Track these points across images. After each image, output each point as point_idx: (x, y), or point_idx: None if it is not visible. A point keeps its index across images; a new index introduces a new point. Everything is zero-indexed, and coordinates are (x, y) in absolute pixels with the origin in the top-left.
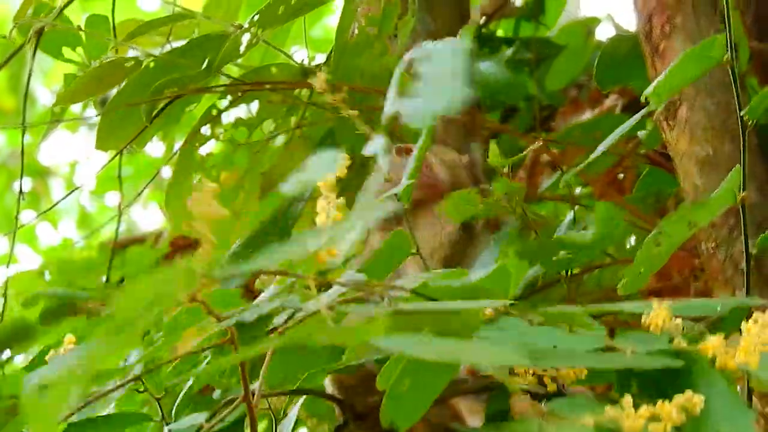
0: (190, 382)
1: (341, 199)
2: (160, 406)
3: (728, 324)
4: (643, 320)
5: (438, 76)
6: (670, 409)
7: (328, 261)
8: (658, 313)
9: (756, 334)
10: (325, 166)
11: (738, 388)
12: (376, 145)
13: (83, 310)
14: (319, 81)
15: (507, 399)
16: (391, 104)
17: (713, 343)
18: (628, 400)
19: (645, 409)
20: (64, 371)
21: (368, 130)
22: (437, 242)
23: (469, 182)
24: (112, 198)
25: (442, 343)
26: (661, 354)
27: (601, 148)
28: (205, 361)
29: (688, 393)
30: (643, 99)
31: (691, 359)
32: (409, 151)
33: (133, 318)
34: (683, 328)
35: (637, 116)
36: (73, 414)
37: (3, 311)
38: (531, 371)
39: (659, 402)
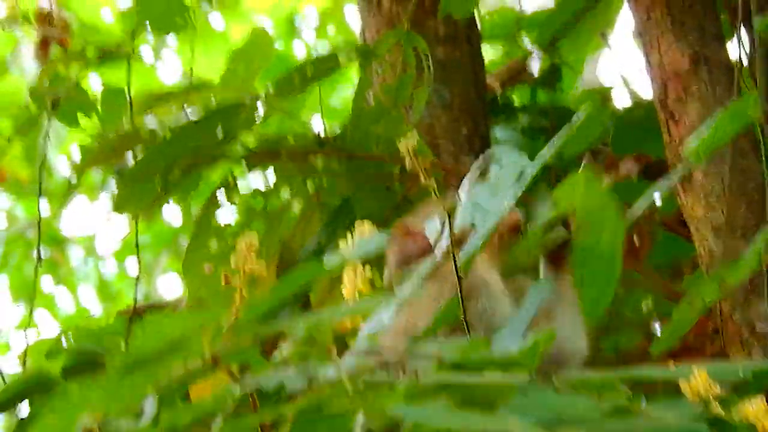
0: None
1: (368, 272)
2: None
3: (751, 388)
4: (682, 387)
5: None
6: None
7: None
8: (698, 379)
9: None
10: (369, 246)
11: None
12: (432, 229)
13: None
14: (406, 145)
15: None
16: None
17: (755, 410)
18: None
19: None
20: (71, 401)
21: (437, 199)
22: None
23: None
24: (132, 265)
25: (464, 416)
26: (697, 420)
27: (630, 214)
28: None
29: None
30: (684, 155)
31: (729, 427)
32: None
33: (152, 357)
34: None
35: (663, 183)
36: None
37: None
38: None
39: None
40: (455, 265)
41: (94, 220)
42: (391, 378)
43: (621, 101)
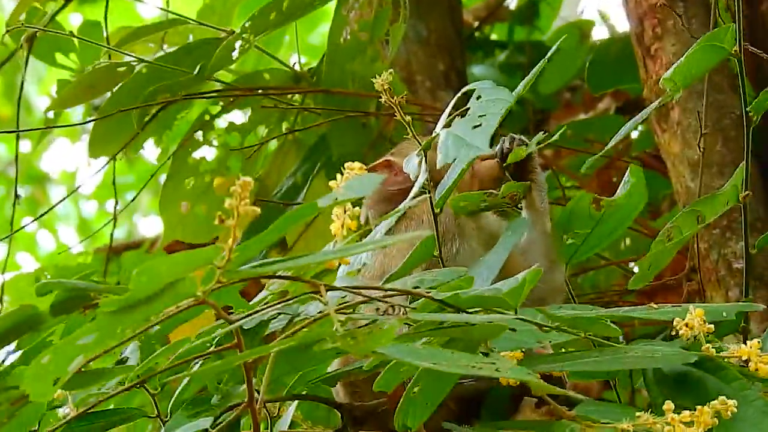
0: (185, 381)
1: (356, 209)
2: (156, 404)
3: (725, 327)
4: (675, 324)
5: (472, 126)
6: (706, 412)
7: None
8: (694, 317)
9: None
10: (363, 188)
11: None
12: (413, 166)
13: (94, 304)
14: (381, 82)
15: (503, 401)
16: (438, 128)
17: (748, 349)
18: (669, 405)
19: (684, 414)
20: (67, 340)
21: (413, 137)
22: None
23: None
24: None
25: (451, 355)
26: (682, 356)
27: (607, 147)
28: (201, 363)
29: (722, 397)
30: (651, 89)
31: (717, 366)
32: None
33: (147, 297)
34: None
35: (640, 116)
36: (80, 414)
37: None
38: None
39: (698, 408)
40: (431, 203)
41: (76, 161)
42: (378, 316)
43: (599, 36)
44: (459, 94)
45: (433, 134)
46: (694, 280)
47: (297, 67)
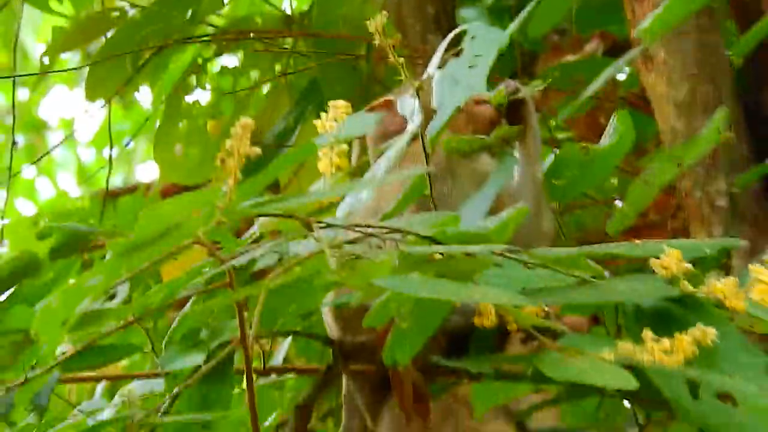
0: (177, 319)
1: (344, 146)
2: (151, 340)
3: (708, 263)
4: (652, 263)
5: (467, 66)
6: (686, 341)
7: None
8: (670, 257)
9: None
10: (360, 126)
11: None
12: (407, 105)
13: (93, 247)
14: (374, 24)
15: (490, 337)
16: (432, 69)
17: (724, 286)
18: (648, 334)
19: (662, 343)
20: (74, 283)
21: (407, 77)
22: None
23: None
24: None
25: (444, 284)
26: (664, 290)
27: (589, 90)
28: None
29: (700, 326)
30: (637, 35)
31: (696, 302)
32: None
33: (152, 239)
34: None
35: (624, 59)
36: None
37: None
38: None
39: (676, 335)
40: (423, 144)
41: (74, 108)
42: (371, 251)
43: None
44: (451, 36)
45: (427, 75)
46: (679, 218)
47: (288, 11)
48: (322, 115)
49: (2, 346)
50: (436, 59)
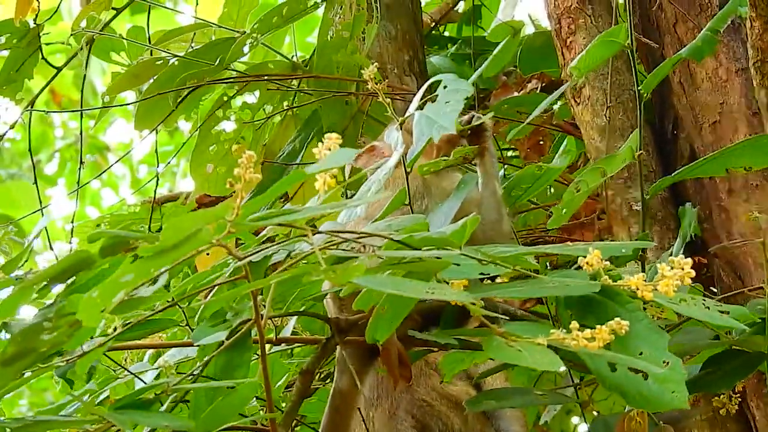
0: (207, 301)
1: (335, 169)
2: (186, 318)
3: (625, 257)
4: (579, 261)
5: (440, 110)
6: (604, 330)
7: None
8: (593, 257)
9: (672, 275)
10: (342, 158)
11: None
12: (393, 137)
13: (134, 248)
14: (368, 73)
15: (456, 314)
16: (412, 110)
17: (636, 280)
18: (575, 325)
19: (585, 332)
20: (112, 279)
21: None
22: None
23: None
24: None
25: (408, 283)
26: (587, 287)
27: (530, 117)
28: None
29: (617, 318)
30: (566, 73)
31: (614, 292)
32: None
33: (173, 245)
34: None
35: (556, 93)
36: (124, 331)
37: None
38: None
39: (597, 326)
40: (404, 167)
41: (130, 135)
42: (353, 253)
43: (528, 32)
44: (427, 84)
45: (407, 114)
46: (604, 219)
47: (295, 59)
48: (319, 144)
49: (60, 326)
50: (415, 102)
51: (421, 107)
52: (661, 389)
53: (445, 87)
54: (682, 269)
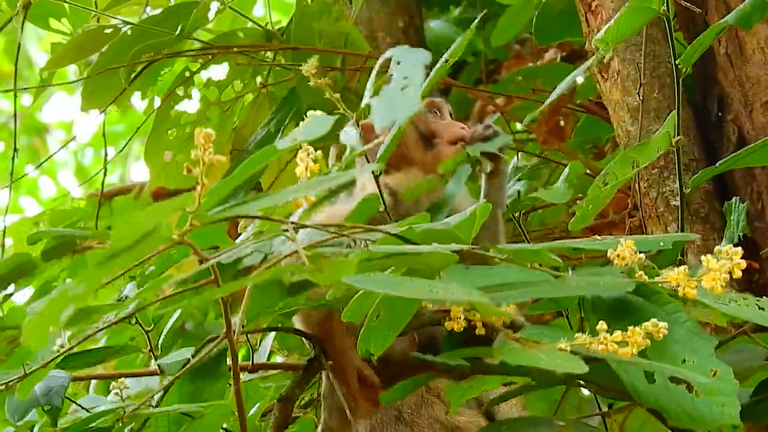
0: (174, 317)
1: (319, 152)
2: (149, 339)
3: (665, 257)
4: (609, 255)
5: (401, 89)
6: (638, 333)
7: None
8: (625, 248)
9: (719, 267)
10: (318, 128)
11: None
12: (350, 136)
13: (81, 249)
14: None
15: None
16: (367, 99)
17: (677, 275)
18: (603, 326)
19: (615, 335)
20: (59, 292)
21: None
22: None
23: None
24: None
25: (409, 282)
26: (620, 284)
27: (551, 97)
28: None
29: (654, 320)
30: (591, 43)
31: (651, 291)
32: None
33: (128, 246)
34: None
35: (580, 69)
36: (72, 348)
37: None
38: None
39: (629, 328)
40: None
41: (73, 112)
42: (343, 250)
43: None
44: (379, 62)
45: (363, 104)
46: (636, 217)
47: (269, 27)
48: (301, 123)
49: None
50: (369, 88)
51: (376, 93)
52: (708, 403)
53: (398, 63)
54: (731, 260)
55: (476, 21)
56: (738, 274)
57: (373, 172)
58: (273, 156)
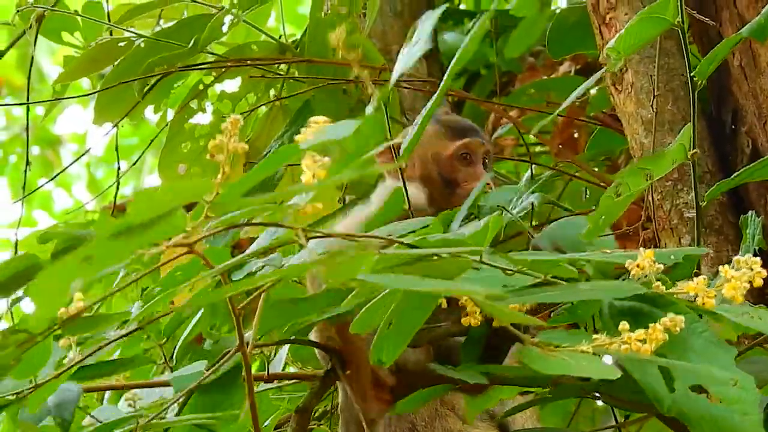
0: (187, 331)
1: (326, 159)
2: (163, 352)
3: (680, 271)
4: (627, 265)
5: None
6: (658, 330)
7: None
8: (644, 258)
9: (737, 277)
10: (344, 130)
11: None
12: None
13: None
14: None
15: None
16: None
17: (695, 285)
18: (625, 326)
19: (639, 333)
20: (71, 254)
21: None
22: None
23: None
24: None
25: (425, 279)
26: (635, 289)
27: (561, 107)
28: (199, 312)
29: (671, 314)
30: (604, 55)
31: (667, 302)
32: None
33: (143, 224)
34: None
35: (592, 79)
36: (85, 359)
37: None
38: None
39: (650, 325)
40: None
41: (86, 125)
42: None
43: (559, 5)
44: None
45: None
46: (649, 229)
47: (283, 40)
48: (302, 130)
49: (7, 345)
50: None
51: None
52: (730, 412)
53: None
54: (751, 269)
55: (477, 26)
56: (759, 282)
57: (401, 170)
58: (293, 154)
